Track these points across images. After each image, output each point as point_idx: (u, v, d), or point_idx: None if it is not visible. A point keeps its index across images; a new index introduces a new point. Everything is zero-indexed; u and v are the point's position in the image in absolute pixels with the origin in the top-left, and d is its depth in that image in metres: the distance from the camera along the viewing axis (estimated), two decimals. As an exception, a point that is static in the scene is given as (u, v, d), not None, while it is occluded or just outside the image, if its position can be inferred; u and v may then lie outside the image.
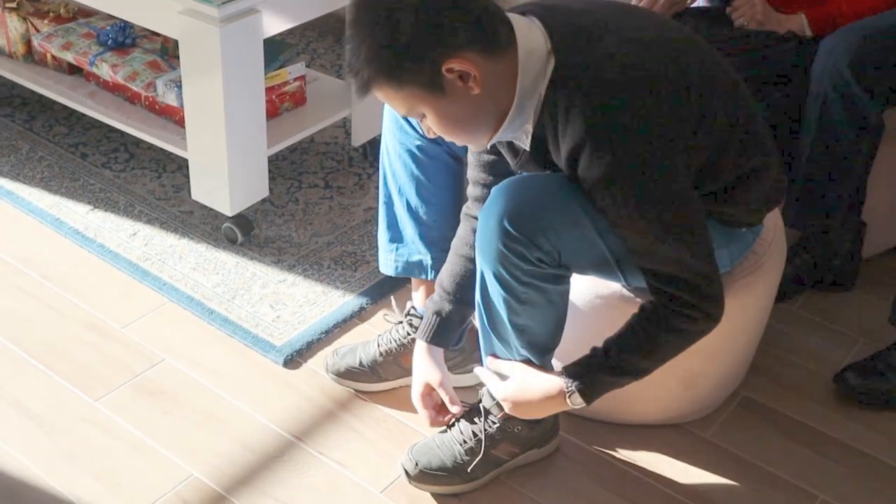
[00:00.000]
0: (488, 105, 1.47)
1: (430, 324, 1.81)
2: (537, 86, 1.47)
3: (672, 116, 1.45)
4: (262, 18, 2.16)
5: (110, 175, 2.58)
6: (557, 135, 1.47)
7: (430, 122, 1.50)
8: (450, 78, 1.42)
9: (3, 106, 2.84)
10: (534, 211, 1.51)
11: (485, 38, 1.43)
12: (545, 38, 1.46)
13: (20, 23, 2.62)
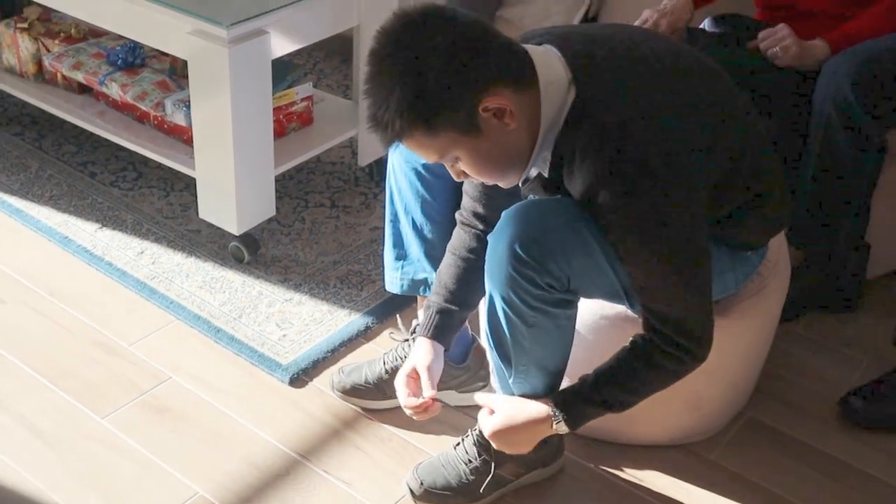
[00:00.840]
0: (521, 139, 1.48)
1: (431, 319, 1.80)
2: (559, 116, 1.47)
3: (690, 151, 1.46)
4: (270, 40, 2.19)
5: (118, 193, 2.60)
6: (574, 165, 1.47)
7: (465, 165, 1.49)
8: (486, 117, 1.41)
9: (12, 125, 2.86)
10: (545, 236, 1.51)
11: (511, 71, 1.42)
12: (564, 69, 1.47)
13: (31, 43, 2.65)
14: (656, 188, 1.42)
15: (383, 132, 1.42)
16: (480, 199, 1.77)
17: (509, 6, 2.89)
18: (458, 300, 1.79)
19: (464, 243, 1.79)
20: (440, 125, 1.41)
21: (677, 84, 1.49)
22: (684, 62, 1.55)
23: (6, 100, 2.94)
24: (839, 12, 2.17)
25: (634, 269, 1.50)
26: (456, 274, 1.79)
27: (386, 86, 1.39)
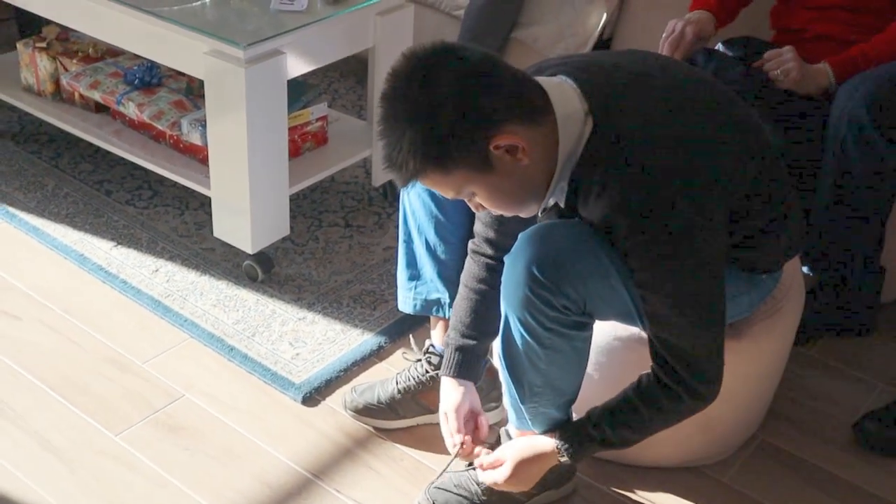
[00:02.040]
0: (536, 173, 1.48)
1: (451, 358, 1.81)
2: (577, 148, 1.48)
3: (708, 181, 1.46)
4: (286, 60, 2.20)
5: (134, 212, 2.62)
6: (591, 196, 1.47)
7: (481, 200, 1.50)
8: (498, 154, 1.42)
9: (30, 143, 2.89)
10: (562, 258, 1.51)
11: (523, 107, 1.43)
12: (580, 100, 1.47)
13: (49, 62, 2.67)
14: (675, 218, 1.43)
15: (398, 173, 1.44)
16: (493, 225, 1.78)
17: (523, 28, 2.90)
18: (476, 333, 1.80)
19: (475, 275, 1.80)
20: (453, 164, 1.42)
21: (695, 114, 1.50)
22: (701, 90, 1.55)
23: (24, 118, 2.96)
24: (850, 38, 2.18)
25: (649, 297, 1.50)
26: (470, 307, 1.80)
27: (399, 127, 1.41)
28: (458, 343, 1.81)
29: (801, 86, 2.14)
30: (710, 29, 2.27)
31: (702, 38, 2.26)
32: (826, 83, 2.14)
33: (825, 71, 2.14)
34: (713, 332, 1.53)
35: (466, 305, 1.82)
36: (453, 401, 1.80)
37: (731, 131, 1.53)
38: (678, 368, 1.52)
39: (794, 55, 2.15)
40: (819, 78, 2.14)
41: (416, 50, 1.43)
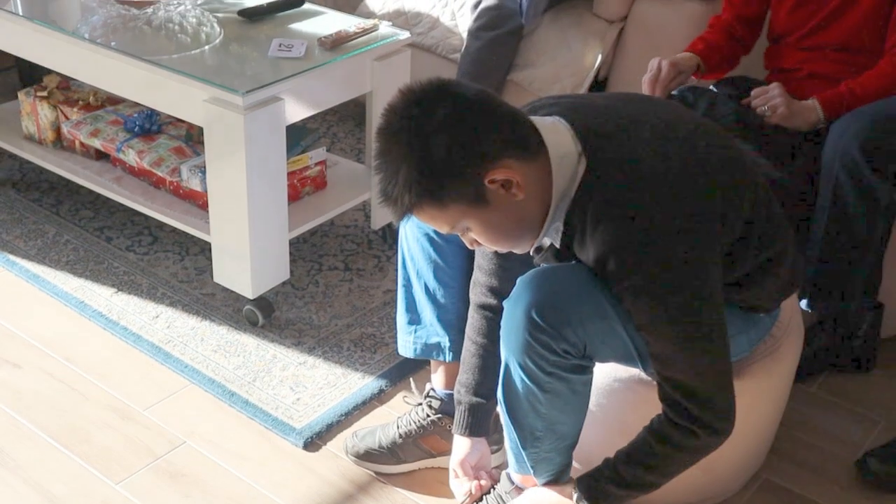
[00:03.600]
0: (531, 208, 1.49)
1: (463, 417, 1.83)
2: (571, 188, 1.49)
3: (702, 220, 1.47)
4: (284, 106, 2.22)
5: (134, 258, 2.63)
6: (585, 235, 1.48)
7: (476, 234, 1.51)
8: (493, 188, 1.43)
9: (31, 191, 2.90)
10: (561, 302, 1.52)
11: (518, 143, 1.45)
12: (574, 140, 1.49)
13: (50, 111, 2.70)
14: (669, 256, 1.43)
15: (394, 206, 1.45)
16: (496, 273, 1.79)
17: (519, 70, 2.93)
18: (486, 391, 1.82)
19: (480, 329, 1.81)
20: (448, 198, 1.43)
21: (687, 153, 1.51)
22: (693, 130, 1.56)
23: (25, 166, 2.99)
24: (842, 76, 2.20)
25: (650, 337, 1.50)
26: (478, 364, 1.82)
27: (394, 162, 1.42)
28: (470, 402, 1.83)
29: (789, 121, 2.16)
30: (689, 66, 2.28)
31: (680, 74, 2.27)
32: (815, 119, 2.16)
33: (814, 107, 2.16)
34: (720, 364, 1.52)
35: (475, 362, 1.82)
36: (463, 454, 1.82)
37: (724, 171, 1.54)
38: (689, 406, 1.51)
39: (780, 91, 2.17)
40: (808, 114, 2.16)
41: (411, 86, 1.45)
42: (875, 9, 2.18)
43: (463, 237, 1.55)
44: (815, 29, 2.25)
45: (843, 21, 2.21)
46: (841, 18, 2.21)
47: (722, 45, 2.35)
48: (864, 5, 2.18)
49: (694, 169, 1.49)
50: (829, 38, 2.24)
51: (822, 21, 2.23)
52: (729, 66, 2.39)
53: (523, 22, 2.84)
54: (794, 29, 2.28)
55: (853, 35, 2.21)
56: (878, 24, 2.19)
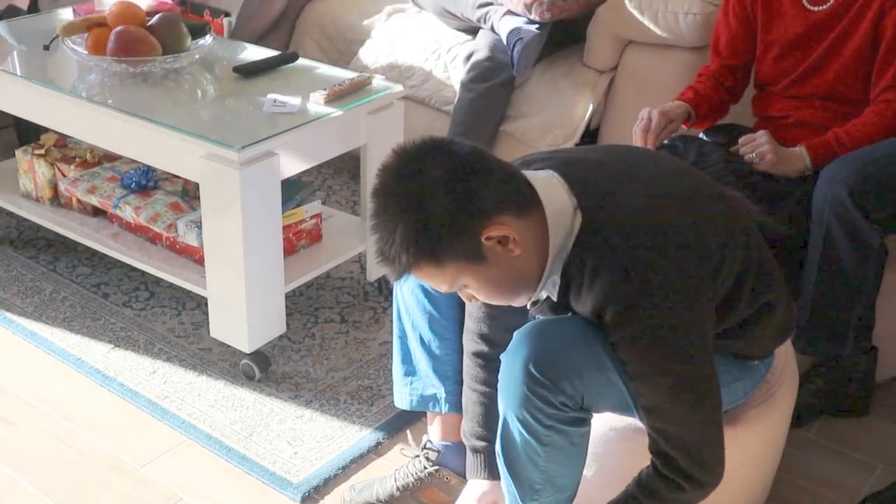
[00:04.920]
0: (528, 263, 1.51)
1: (481, 461, 1.83)
2: (567, 242, 1.51)
3: (697, 271, 1.48)
4: (279, 161, 2.24)
5: (131, 314, 2.63)
6: (582, 288, 1.50)
7: (474, 291, 1.52)
8: (489, 245, 1.45)
9: (28, 248, 2.92)
10: (559, 355, 1.52)
11: (513, 199, 1.46)
12: (569, 195, 1.51)
13: (47, 168, 2.72)
14: (664, 308, 1.45)
15: (392, 266, 1.46)
16: (485, 319, 1.80)
17: (512, 121, 2.97)
18: (491, 434, 1.80)
19: (476, 377, 1.82)
20: (446, 256, 1.44)
21: (679, 206, 1.53)
22: (684, 181, 1.59)
23: (22, 224, 3.00)
24: (829, 124, 2.23)
25: (644, 388, 1.51)
26: (480, 411, 1.83)
27: (390, 222, 1.44)
28: (477, 446, 1.84)
29: (777, 168, 2.19)
30: (679, 115, 2.31)
31: (671, 122, 2.29)
32: (802, 166, 2.19)
33: (801, 154, 2.19)
34: (711, 417, 1.53)
35: (479, 410, 1.83)
36: (481, 493, 1.82)
37: (717, 222, 1.55)
38: (678, 458, 1.52)
39: (768, 138, 2.20)
40: (795, 161, 2.19)
41: (405, 145, 1.47)
42: (857, 60, 2.21)
43: (461, 293, 1.57)
44: (799, 78, 2.28)
45: (827, 71, 2.25)
46: (824, 69, 2.25)
47: (711, 94, 2.38)
48: (847, 56, 2.22)
49: (688, 221, 1.51)
50: (813, 88, 2.27)
51: (806, 71, 2.27)
52: (719, 114, 2.43)
53: (515, 74, 2.88)
54: (780, 78, 2.32)
55: (837, 85, 2.25)
56: (861, 75, 2.23)
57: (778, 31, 2.30)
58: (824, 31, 2.24)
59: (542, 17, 2.80)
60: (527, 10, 2.82)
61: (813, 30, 2.25)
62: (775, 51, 2.31)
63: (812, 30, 2.25)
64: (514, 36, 2.82)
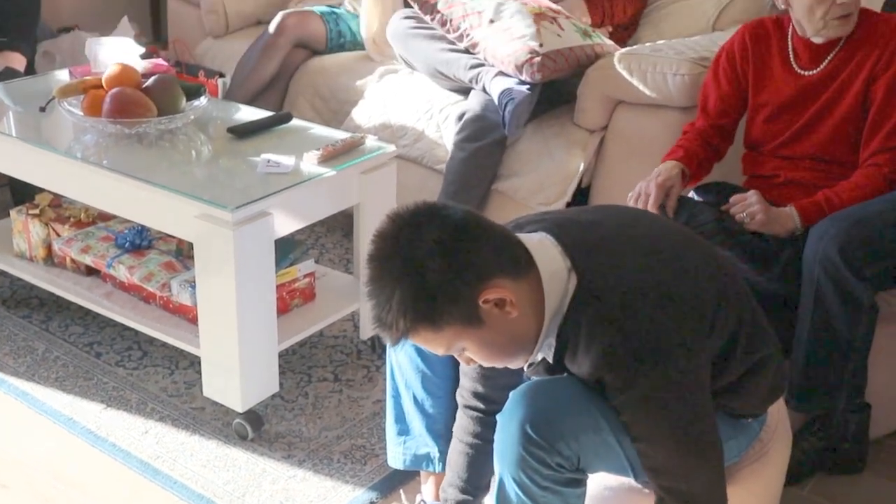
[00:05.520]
0: (525, 325, 1.52)
1: None
2: (562, 304, 1.52)
3: (692, 331, 1.50)
4: (273, 220, 2.26)
5: (123, 373, 2.63)
6: (578, 350, 1.51)
7: (472, 354, 1.53)
8: (486, 308, 1.46)
9: (21, 307, 2.92)
10: (555, 417, 1.53)
11: (509, 262, 1.48)
12: (563, 257, 1.52)
13: (42, 228, 2.73)
14: (664, 369, 1.46)
15: (389, 332, 1.47)
16: (479, 380, 1.81)
17: (504, 179, 2.99)
18: (473, 488, 1.82)
19: (467, 429, 1.82)
20: (443, 320, 1.45)
21: (673, 266, 1.55)
22: (677, 241, 1.61)
23: (15, 283, 3.00)
24: (819, 184, 2.26)
25: (649, 448, 1.52)
26: (465, 462, 1.82)
27: (387, 288, 1.45)
28: (457, 499, 1.82)
29: (767, 227, 2.21)
30: (675, 180, 2.33)
31: (671, 189, 2.31)
32: (792, 226, 2.21)
33: (791, 214, 2.21)
34: (717, 469, 1.55)
35: (462, 461, 1.83)
36: None
37: (711, 281, 1.57)
38: None
39: (758, 198, 2.22)
40: (786, 221, 2.21)
41: (399, 211, 1.49)
42: (847, 123, 2.26)
43: (459, 357, 1.57)
44: (790, 139, 2.32)
45: (817, 133, 2.28)
46: (814, 131, 2.29)
47: (699, 151, 2.41)
48: (837, 119, 2.26)
49: (682, 281, 1.53)
50: (804, 149, 2.31)
51: (797, 133, 2.31)
52: (705, 172, 2.46)
53: (506, 133, 2.91)
54: (770, 139, 2.35)
55: (827, 146, 2.28)
56: (850, 138, 2.26)
57: (769, 93, 2.34)
58: (815, 94, 2.28)
59: (533, 78, 2.84)
60: (518, 70, 2.86)
61: (804, 93, 2.29)
62: (766, 112, 2.35)
63: (803, 93, 2.29)
64: (505, 96, 2.86)
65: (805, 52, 2.29)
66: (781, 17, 2.34)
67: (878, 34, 2.23)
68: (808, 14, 2.20)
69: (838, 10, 2.18)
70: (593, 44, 2.97)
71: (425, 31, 3.17)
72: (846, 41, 2.25)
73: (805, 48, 2.29)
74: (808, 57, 2.29)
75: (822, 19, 2.19)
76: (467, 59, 3.03)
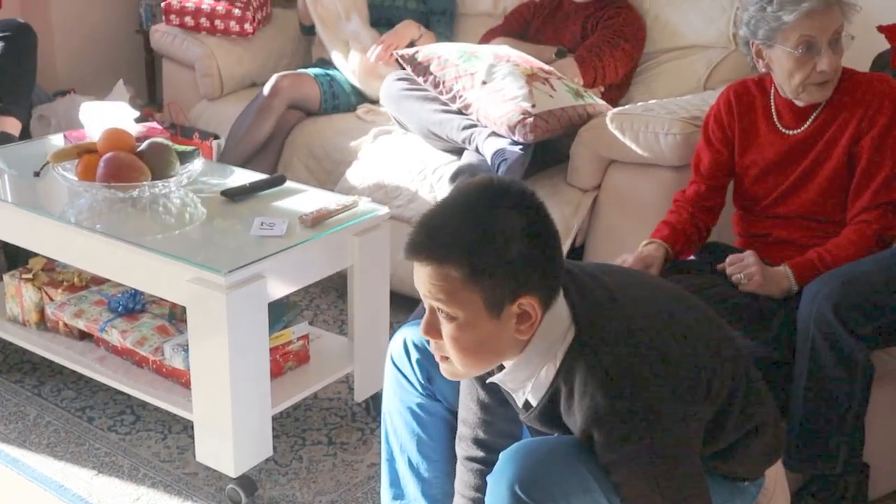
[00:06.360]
0: (513, 346, 1.53)
1: None
2: (553, 349, 1.52)
3: (687, 394, 1.50)
4: (266, 284, 2.25)
5: (116, 438, 2.60)
6: (573, 402, 1.51)
7: (452, 329, 1.49)
8: (512, 311, 1.46)
9: (13, 372, 2.90)
10: (544, 477, 1.52)
11: (552, 290, 1.49)
12: (565, 305, 1.53)
13: (35, 292, 2.72)
14: (656, 430, 1.45)
15: (428, 243, 1.45)
16: (480, 426, 1.79)
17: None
18: None
19: (469, 483, 1.80)
20: (480, 285, 1.43)
21: (672, 325, 1.55)
22: (672, 300, 1.61)
23: (7, 347, 2.99)
24: (812, 242, 2.26)
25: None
26: None
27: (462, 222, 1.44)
28: None
29: (763, 288, 2.20)
30: (656, 258, 2.31)
31: (649, 268, 2.29)
32: (787, 285, 2.21)
33: (786, 273, 2.21)
34: None
35: None
36: None
37: (707, 340, 1.57)
38: None
39: (755, 259, 2.22)
40: (780, 280, 2.21)
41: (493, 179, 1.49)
42: (833, 182, 2.27)
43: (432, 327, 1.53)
44: (778, 199, 2.33)
45: (805, 192, 2.30)
46: (802, 190, 2.30)
47: (686, 227, 2.39)
48: (823, 179, 2.27)
49: (680, 344, 1.53)
50: (793, 208, 2.32)
51: (786, 192, 2.32)
52: (695, 246, 2.42)
53: (500, 193, 2.91)
54: (760, 199, 2.36)
55: (815, 206, 2.29)
56: (838, 196, 2.28)
57: (756, 153, 2.35)
58: (801, 154, 2.30)
59: (526, 138, 2.86)
60: (511, 131, 2.88)
61: (790, 152, 2.31)
62: (754, 172, 2.36)
63: (789, 152, 2.31)
64: (498, 157, 2.87)
65: (788, 112, 2.31)
66: (763, 78, 2.36)
67: (861, 93, 2.25)
68: (788, 78, 2.22)
69: (818, 76, 2.19)
70: (585, 104, 2.99)
71: (418, 93, 3.20)
72: (829, 101, 2.27)
73: (788, 109, 2.31)
74: (791, 117, 2.31)
75: (800, 85, 2.21)
76: (460, 120, 3.05)
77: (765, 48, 2.24)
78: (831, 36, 2.17)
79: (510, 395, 1.68)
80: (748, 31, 2.26)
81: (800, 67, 2.19)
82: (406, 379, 1.89)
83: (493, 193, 1.46)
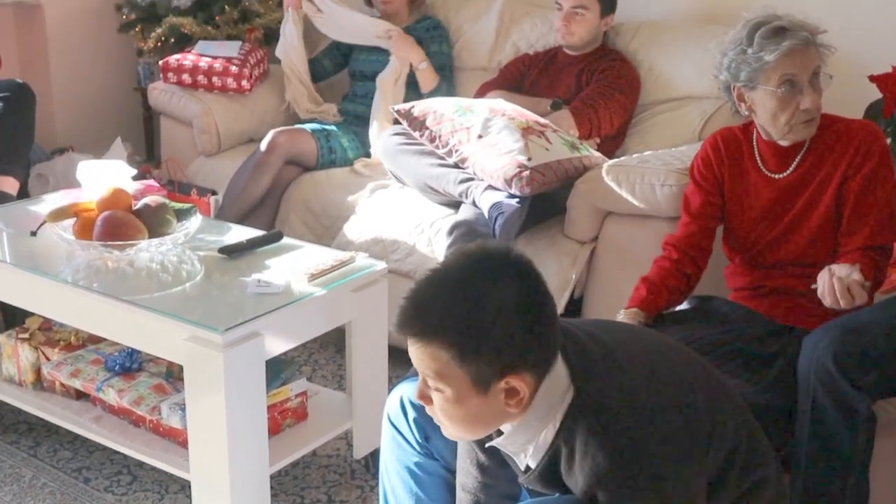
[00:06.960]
0: (505, 418, 1.51)
1: None
2: (553, 411, 1.51)
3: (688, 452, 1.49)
4: (263, 341, 2.24)
5: (112, 499, 2.57)
6: (574, 463, 1.49)
7: (443, 402, 1.49)
8: (500, 387, 1.45)
9: (9, 433, 2.87)
10: None
11: (544, 361, 1.48)
12: (564, 366, 1.52)
13: (31, 352, 2.71)
14: (661, 486, 1.44)
15: (417, 321, 1.45)
16: (481, 490, 1.78)
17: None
18: None
19: None
20: (465, 365, 1.43)
21: (671, 381, 1.54)
22: (672, 356, 1.60)
23: (3, 408, 2.96)
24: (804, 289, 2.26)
25: None
26: None
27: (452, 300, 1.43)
28: None
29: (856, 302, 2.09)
30: None
31: None
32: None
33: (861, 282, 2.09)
34: None
35: None
36: None
37: (708, 402, 1.56)
38: None
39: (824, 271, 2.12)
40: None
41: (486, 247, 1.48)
42: (823, 226, 2.27)
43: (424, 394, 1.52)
44: (771, 244, 2.33)
45: (796, 237, 2.30)
46: (794, 235, 2.30)
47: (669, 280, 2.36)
48: (813, 223, 2.28)
49: (678, 400, 1.52)
50: (784, 255, 2.32)
51: (777, 237, 2.32)
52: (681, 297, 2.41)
53: (497, 246, 2.91)
54: (751, 247, 2.36)
55: (807, 251, 2.29)
56: (828, 240, 2.28)
57: (746, 199, 2.36)
58: (792, 197, 2.30)
59: (523, 191, 2.87)
60: (507, 184, 2.89)
61: (780, 198, 2.31)
62: (745, 220, 2.36)
63: (779, 198, 2.31)
64: (495, 210, 2.88)
65: (771, 156, 2.32)
66: (748, 125, 2.37)
67: (847, 136, 2.26)
68: (773, 120, 2.24)
69: (802, 115, 2.21)
70: (581, 156, 3.00)
71: (414, 147, 3.21)
72: (812, 143, 2.28)
73: (771, 153, 2.32)
74: (774, 161, 2.32)
75: (786, 124, 2.23)
76: (457, 174, 3.06)
77: (746, 91, 2.26)
78: (811, 74, 2.19)
79: (510, 458, 1.66)
80: (729, 75, 2.27)
81: (784, 107, 2.20)
82: (403, 438, 1.87)
83: (485, 266, 1.46)
